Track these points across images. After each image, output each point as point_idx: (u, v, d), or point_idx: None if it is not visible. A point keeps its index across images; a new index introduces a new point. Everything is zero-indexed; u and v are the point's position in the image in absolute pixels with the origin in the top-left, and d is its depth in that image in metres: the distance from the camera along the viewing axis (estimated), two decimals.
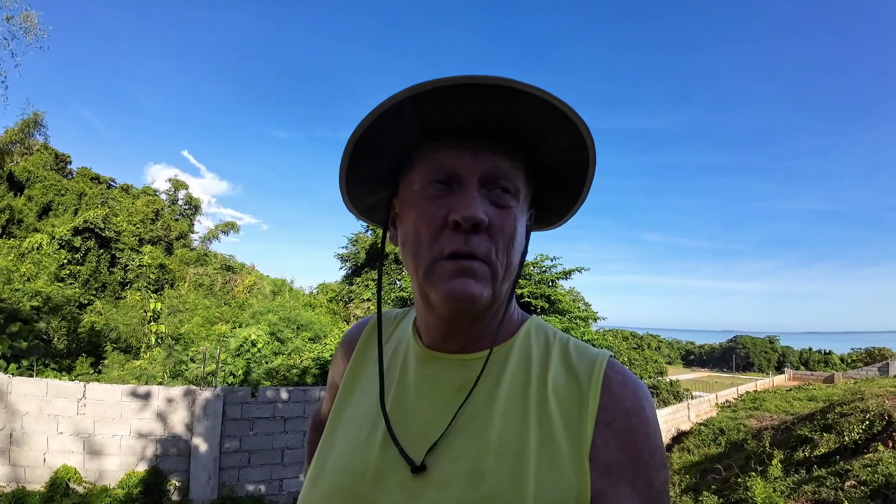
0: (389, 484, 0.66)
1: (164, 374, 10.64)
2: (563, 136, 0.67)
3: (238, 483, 7.02)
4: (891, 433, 8.86)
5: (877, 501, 5.85)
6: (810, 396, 18.72)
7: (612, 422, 0.64)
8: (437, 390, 0.72)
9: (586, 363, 0.70)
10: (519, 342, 0.75)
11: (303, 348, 13.04)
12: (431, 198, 0.68)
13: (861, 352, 40.88)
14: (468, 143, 0.67)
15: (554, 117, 0.64)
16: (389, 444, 0.69)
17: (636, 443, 0.64)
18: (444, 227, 0.66)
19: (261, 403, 7.34)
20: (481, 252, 0.65)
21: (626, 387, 0.68)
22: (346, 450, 0.72)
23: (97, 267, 18.94)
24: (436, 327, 0.74)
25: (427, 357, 0.76)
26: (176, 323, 14.45)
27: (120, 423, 6.60)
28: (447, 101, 0.63)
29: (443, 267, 0.66)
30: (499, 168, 0.67)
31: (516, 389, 0.69)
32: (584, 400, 0.66)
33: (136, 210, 22.93)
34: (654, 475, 0.63)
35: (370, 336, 0.88)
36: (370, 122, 0.65)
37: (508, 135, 0.68)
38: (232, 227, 30.02)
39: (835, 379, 26.24)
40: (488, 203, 0.66)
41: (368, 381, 0.81)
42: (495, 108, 0.63)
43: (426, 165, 0.69)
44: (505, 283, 0.69)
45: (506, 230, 0.67)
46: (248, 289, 22.50)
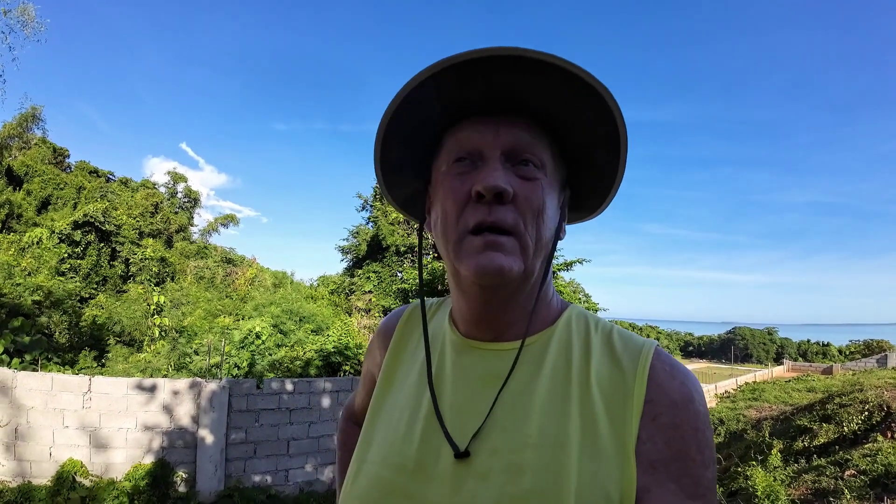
0: (429, 475, 0.65)
1: (169, 367, 10.69)
2: (583, 105, 0.64)
3: (244, 474, 7.06)
4: (889, 424, 8.92)
5: (876, 490, 5.90)
6: (809, 387, 18.81)
7: (659, 415, 0.62)
8: (474, 381, 0.71)
9: (631, 353, 0.67)
10: (559, 330, 0.73)
11: (305, 340, 13.08)
12: (457, 175, 0.68)
13: (859, 344, 41.04)
14: (489, 120, 0.67)
15: (572, 85, 0.62)
16: (431, 433, 0.68)
17: (683, 437, 0.61)
18: (468, 201, 0.66)
19: (266, 395, 7.37)
20: (507, 223, 0.64)
21: (674, 378, 0.65)
22: (386, 442, 0.71)
23: (98, 261, 18.96)
24: (469, 312, 0.73)
25: (463, 346, 0.75)
26: (179, 316, 14.50)
27: (126, 416, 6.62)
28: (463, 79, 0.63)
29: (470, 242, 0.65)
30: (521, 141, 0.66)
31: (557, 380, 0.67)
32: (628, 392, 0.64)
33: (136, 203, 22.95)
34: (701, 472, 0.60)
35: (407, 326, 0.87)
36: (394, 108, 0.66)
37: (528, 108, 0.67)
38: (231, 220, 30.06)
39: (833, 370, 26.34)
40: (513, 175, 0.66)
41: (407, 371, 0.80)
42: (511, 80, 0.63)
43: (451, 147, 0.69)
44: (537, 257, 0.68)
45: (533, 202, 0.66)
46: (249, 281, 22.55)
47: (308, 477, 7.46)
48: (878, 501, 5.48)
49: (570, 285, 22.94)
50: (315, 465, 7.53)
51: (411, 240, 23.30)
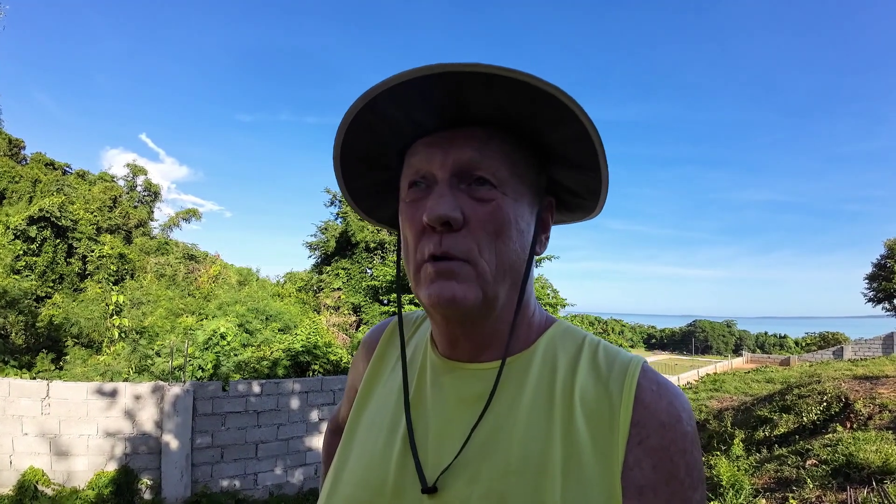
0: (407, 501, 0.63)
1: (130, 370, 10.33)
2: (538, 107, 0.59)
3: (212, 479, 6.90)
4: (848, 414, 9.26)
5: (838, 480, 6.09)
6: (768, 378, 19.42)
7: (646, 439, 0.59)
8: (451, 403, 0.68)
9: (617, 371, 0.64)
10: (542, 348, 0.69)
11: (272, 339, 12.87)
12: (412, 202, 0.65)
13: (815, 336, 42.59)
14: (440, 138, 0.64)
15: (518, 90, 0.57)
16: (407, 458, 0.66)
17: (672, 460, 0.59)
18: (423, 230, 0.63)
19: (232, 398, 7.20)
20: (459, 251, 0.60)
21: (662, 398, 0.62)
22: (363, 461, 0.69)
23: (54, 258, 18.27)
24: (439, 334, 0.71)
25: (442, 367, 0.72)
26: (139, 316, 14.05)
27: (86, 423, 6.39)
28: (402, 102, 0.60)
29: (425, 271, 0.62)
30: (470, 160, 0.62)
31: (540, 401, 0.64)
32: (614, 414, 0.61)
33: (93, 197, 22.15)
34: (690, 494, 0.58)
35: (390, 339, 0.84)
36: (342, 139, 0.65)
37: (478, 120, 0.63)
38: (193, 215, 29.24)
39: (791, 362, 27.24)
40: (466, 198, 0.62)
41: (387, 386, 0.78)
42: (452, 95, 0.59)
43: (407, 170, 0.67)
44: (500, 282, 0.64)
45: (489, 224, 0.62)
46: (212, 279, 22.05)
47: (278, 480, 7.33)
48: (841, 491, 5.66)
49: (538, 281, 23.19)
50: (285, 468, 7.40)
51: (381, 236, 23.15)
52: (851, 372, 13.65)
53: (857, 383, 11.30)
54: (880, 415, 8.76)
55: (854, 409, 9.39)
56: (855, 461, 6.28)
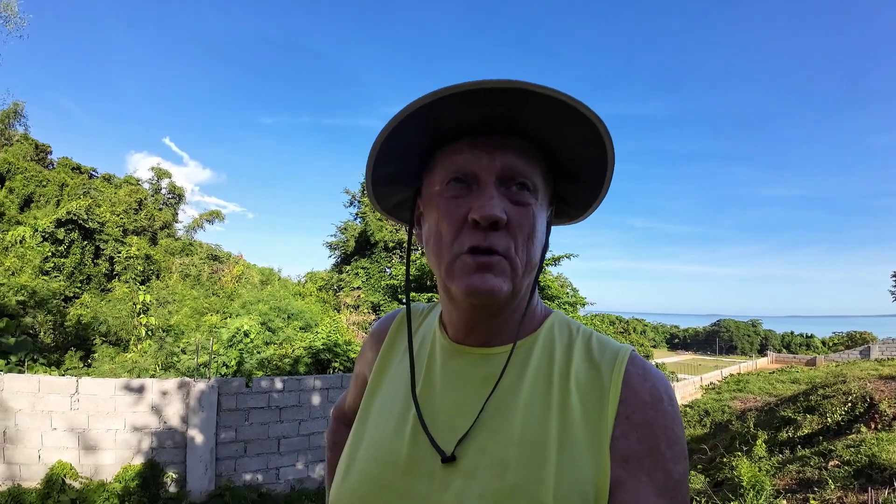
0: (419, 474, 0.69)
1: (156, 367, 10.58)
2: (577, 132, 0.68)
3: (235, 473, 7.04)
4: (873, 415, 9.09)
5: (860, 481, 5.99)
6: (793, 379, 19.09)
7: (632, 414, 0.66)
8: (462, 383, 0.75)
9: (608, 358, 0.72)
10: (542, 336, 0.77)
11: (294, 337, 13.04)
12: (451, 197, 0.70)
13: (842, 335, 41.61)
14: (484, 143, 0.69)
15: (567, 113, 0.65)
16: (419, 435, 0.71)
17: (655, 434, 0.65)
18: (464, 225, 0.68)
19: (255, 394, 7.34)
20: (500, 247, 0.67)
21: (646, 380, 0.69)
22: (376, 440, 0.75)
23: (82, 259, 18.71)
24: (459, 322, 0.77)
25: (452, 351, 0.78)
26: (165, 314, 14.35)
27: (114, 417, 6.56)
28: (460, 106, 0.65)
29: (463, 262, 0.68)
30: (515, 166, 0.69)
31: (540, 382, 0.71)
32: (605, 393, 0.68)
33: (119, 200, 22.65)
34: (672, 466, 0.64)
35: (399, 329, 0.90)
36: (390, 130, 0.67)
37: (523, 133, 0.70)
38: (217, 216, 29.76)
39: (817, 362, 26.71)
40: (507, 201, 0.68)
41: (397, 373, 0.83)
42: (508, 108, 0.65)
43: (446, 166, 0.71)
44: (525, 278, 0.71)
45: (525, 227, 0.69)
46: (236, 278, 22.37)
47: (299, 475, 7.45)
48: (863, 492, 5.58)
49: (558, 280, 23.07)
50: (306, 463, 7.52)
51: (400, 235, 23.25)
52: (877, 372, 13.36)
53: (882, 383, 11.07)
54: None
55: (879, 409, 9.21)
56: (877, 462, 6.19)
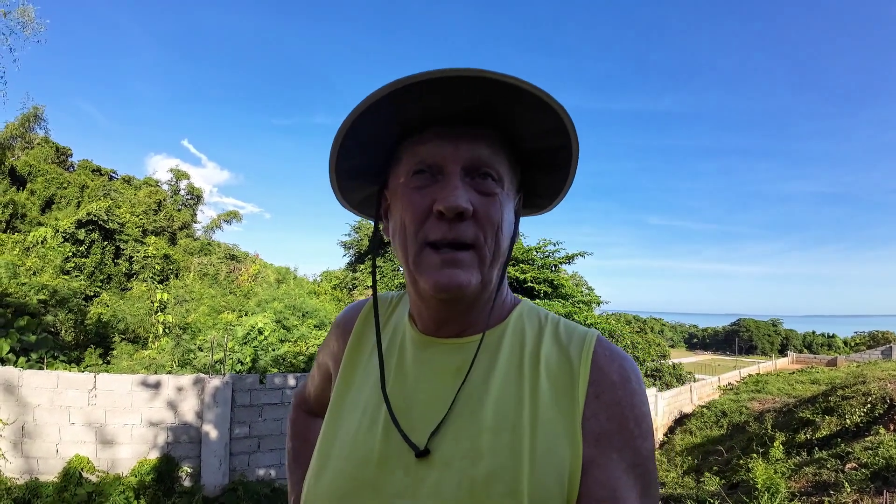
0: (393, 468, 0.68)
1: (173, 363, 10.73)
2: (541, 121, 0.68)
3: (248, 468, 7.14)
4: (892, 416, 8.93)
5: (877, 483, 5.90)
6: (813, 379, 18.82)
7: (601, 394, 0.68)
8: (435, 374, 0.74)
9: (577, 341, 0.73)
10: (512, 324, 0.77)
11: (308, 335, 13.12)
12: (416, 188, 0.69)
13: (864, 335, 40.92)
14: (449, 133, 0.68)
15: (531, 103, 0.65)
16: (392, 430, 0.71)
17: (623, 413, 0.67)
18: (428, 216, 0.68)
19: (269, 390, 7.43)
20: (468, 238, 0.67)
21: (613, 361, 0.71)
22: (349, 437, 0.74)
23: (102, 259, 19.06)
24: (429, 316, 0.77)
25: (423, 342, 0.78)
26: (182, 312, 14.55)
27: (131, 413, 6.70)
28: (423, 96, 0.64)
29: (430, 257, 0.67)
30: (480, 156, 0.68)
31: (511, 369, 0.72)
32: (574, 375, 0.69)
33: (139, 201, 23.02)
34: (640, 443, 0.67)
35: (367, 320, 0.88)
36: (350, 122, 0.67)
37: (487, 122, 0.69)
38: (234, 217, 30.06)
39: (838, 362, 26.28)
40: (473, 191, 0.68)
41: (367, 366, 0.82)
42: (470, 98, 0.65)
43: (411, 158, 0.71)
44: (493, 268, 0.71)
45: (492, 217, 0.68)
46: (252, 277, 22.60)
47: None
48: (879, 495, 5.50)
49: (573, 278, 22.96)
50: None
51: None
52: None
53: None
54: None
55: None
56: (894, 464, 6.09)
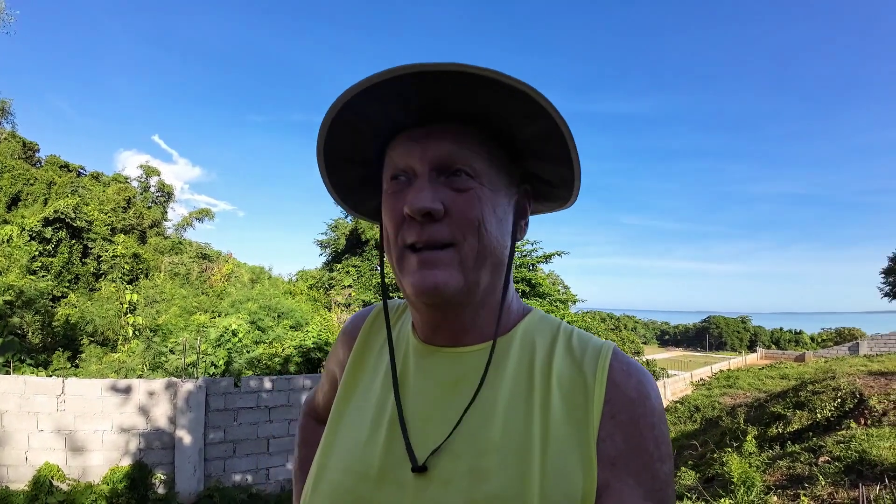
0: (392, 483, 0.65)
1: (144, 367, 10.46)
2: (511, 106, 0.63)
3: (224, 474, 6.99)
4: (862, 411, 9.14)
5: (851, 477, 6.01)
6: (782, 375, 19.22)
7: (617, 413, 0.63)
8: (433, 386, 0.71)
9: (591, 355, 0.68)
10: (520, 334, 0.73)
11: (284, 336, 12.95)
12: (393, 193, 0.68)
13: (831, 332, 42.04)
14: (418, 134, 0.67)
15: (489, 88, 0.60)
16: (393, 442, 0.68)
17: (641, 433, 0.63)
18: (404, 220, 0.66)
19: (244, 393, 7.28)
20: (443, 238, 0.64)
21: (631, 377, 0.66)
22: (348, 448, 0.71)
23: (69, 258, 18.53)
24: (422, 321, 0.74)
25: (423, 351, 0.75)
26: (153, 314, 14.20)
27: (101, 418, 6.49)
28: (381, 101, 0.63)
29: (408, 260, 0.66)
30: (449, 153, 0.65)
31: (519, 383, 0.68)
32: (589, 392, 0.65)
33: (108, 198, 22.41)
34: (658, 466, 0.62)
35: (372, 329, 0.86)
36: (324, 138, 0.68)
37: (454, 117, 0.66)
38: (206, 214, 29.53)
39: (806, 358, 26.96)
40: (447, 189, 0.65)
41: (371, 374, 0.80)
42: (429, 94, 0.62)
43: (388, 164, 0.70)
44: (481, 269, 0.67)
45: (469, 213, 0.65)
46: (225, 277, 22.23)
47: (289, 475, 7.38)
48: (854, 488, 5.60)
49: (549, 277, 23.10)
50: None
51: None
52: (866, 368, 13.47)
53: (871, 379, 11.16)
54: (895, 411, 8.65)
55: (868, 405, 9.26)
56: (868, 458, 6.21)
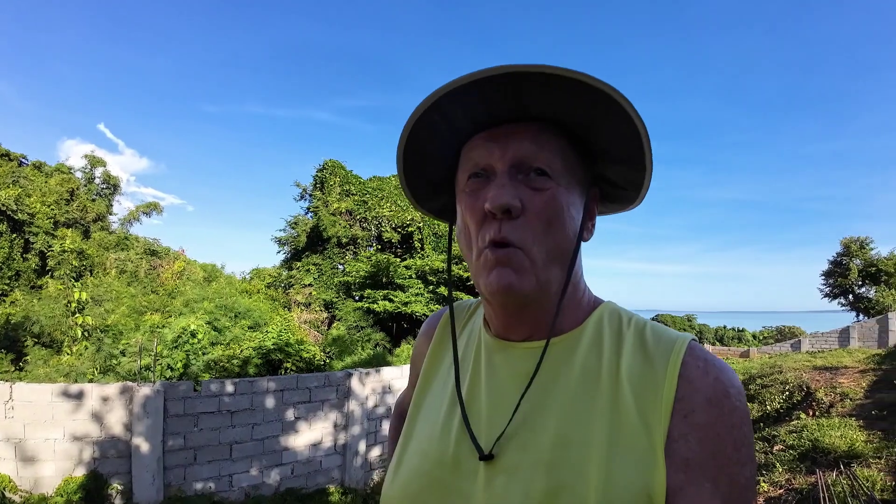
0: (464, 470, 0.68)
1: (95, 370, 9.91)
2: (588, 105, 0.64)
3: (185, 482, 6.71)
4: (810, 403, 9.60)
5: (805, 463, 6.31)
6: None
7: (691, 413, 0.61)
8: (505, 379, 0.73)
9: (663, 348, 0.67)
10: (590, 328, 0.73)
11: (242, 337, 12.59)
12: (472, 191, 0.70)
13: (772, 330, 43.97)
14: (497, 133, 0.69)
15: (575, 89, 0.62)
16: (464, 432, 0.71)
17: (719, 435, 0.60)
18: (484, 217, 0.68)
19: (204, 398, 7.00)
20: (515, 238, 0.65)
21: (708, 373, 0.63)
22: (425, 437, 0.76)
23: (10, 253, 17.53)
24: (496, 318, 0.76)
25: (495, 346, 0.77)
26: (101, 313, 13.53)
27: (52, 426, 6.12)
28: (461, 103, 0.65)
29: (485, 258, 0.67)
30: (527, 153, 0.67)
31: (587, 377, 0.68)
32: (659, 389, 0.63)
33: (50, 190, 21.24)
34: (738, 470, 0.59)
35: (446, 326, 0.90)
36: (405, 138, 0.70)
37: (532, 117, 0.68)
38: (154, 208, 28.30)
39: (750, 354, 28.06)
40: (524, 188, 0.67)
41: (446, 370, 0.84)
42: (505, 95, 0.64)
43: (465, 163, 0.72)
44: (552, 266, 0.68)
45: (543, 213, 0.67)
46: (176, 275, 21.45)
47: (254, 481, 7.19)
48: (810, 474, 5.87)
49: None
50: (261, 469, 7.26)
51: (353, 231, 22.92)
52: (811, 363, 14.15)
53: (817, 373, 11.73)
54: (841, 403, 9.11)
55: (816, 397, 9.73)
56: (821, 446, 6.52)
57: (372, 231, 23.72)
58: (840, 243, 32.81)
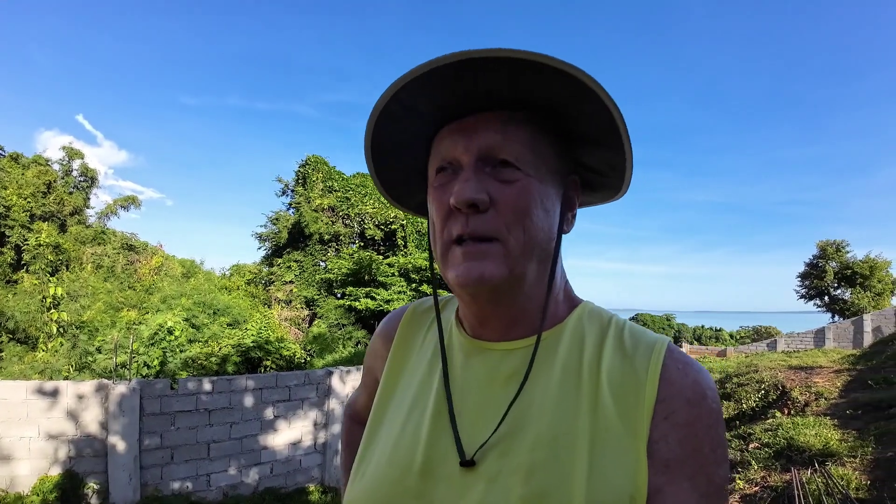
0: (438, 477, 0.65)
1: (70, 367, 9.74)
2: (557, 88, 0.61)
3: (162, 481, 6.63)
4: (786, 401, 9.74)
5: (781, 461, 6.38)
6: (707, 368, 20.19)
7: (672, 414, 0.61)
8: (484, 383, 0.70)
9: (643, 350, 0.66)
10: (569, 328, 0.71)
11: (221, 334, 12.45)
12: (439, 186, 0.68)
13: (749, 329, 44.72)
14: (464, 125, 0.66)
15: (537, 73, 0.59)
16: (438, 435, 0.67)
17: (697, 435, 0.60)
18: (450, 212, 0.65)
19: (182, 396, 6.91)
20: (486, 230, 0.63)
21: (687, 375, 0.63)
22: (390, 441, 0.71)
23: None
24: (469, 314, 0.73)
25: (471, 347, 0.73)
26: (77, 309, 13.29)
27: (27, 424, 6.00)
28: (427, 92, 0.63)
29: (454, 253, 0.65)
30: (493, 144, 0.65)
31: (568, 378, 0.66)
32: (640, 390, 0.62)
33: (27, 182, 20.77)
34: (714, 469, 0.60)
35: (410, 326, 0.86)
36: (371, 129, 0.68)
37: (501, 104, 0.65)
38: (132, 202, 27.74)
39: (727, 353, 28.46)
40: (492, 180, 0.64)
41: (412, 371, 0.79)
42: (475, 83, 0.62)
43: (434, 157, 0.70)
44: (526, 258, 0.65)
45: (515, 204, 0.64)
46: (154, 271, 21.12)
47: (232, 480, 7.12)
48: (785, 472, 5.95)
49: None
50: (239, 468, 7.19)
51: (336, 227, 22.75)
52: (786, 363, 14.35)
53: (792, 373, 11.90)
54: (816, 402, 9.25)
55: (791, 396, 9.88)
56: (796, 444, 6.60)
57: (354, 228, 23.55)
58: (816, 246, 33.41)
